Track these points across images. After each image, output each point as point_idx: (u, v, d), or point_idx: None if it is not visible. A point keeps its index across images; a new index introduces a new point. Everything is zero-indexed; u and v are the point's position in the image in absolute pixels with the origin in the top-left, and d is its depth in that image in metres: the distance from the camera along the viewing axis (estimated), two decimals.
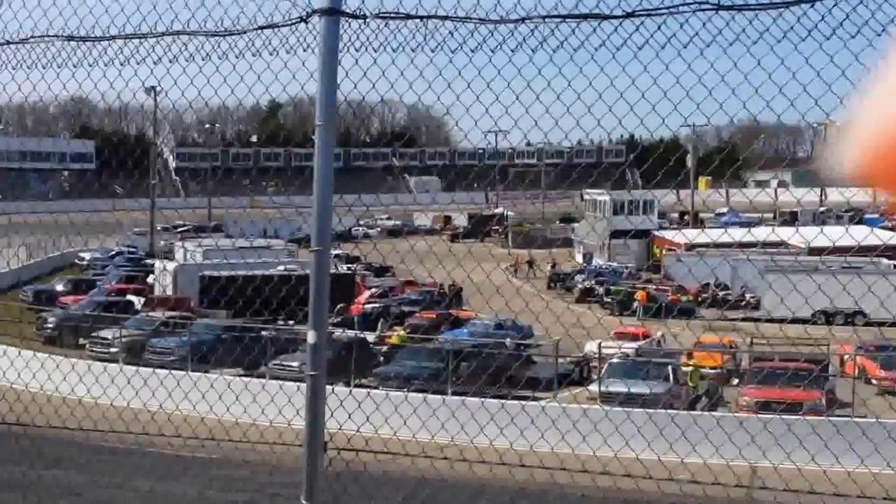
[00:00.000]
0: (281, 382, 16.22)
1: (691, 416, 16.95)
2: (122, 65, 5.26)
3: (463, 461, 7.42)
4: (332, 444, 4.48)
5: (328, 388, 8.94)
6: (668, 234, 51.52)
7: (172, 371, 17.15)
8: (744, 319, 31.28)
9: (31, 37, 5.34)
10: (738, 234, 24.07)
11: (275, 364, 22.44)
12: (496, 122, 4.90)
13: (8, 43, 5.45)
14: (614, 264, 49.60)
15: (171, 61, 5.15)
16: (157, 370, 16.01)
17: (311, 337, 4.04)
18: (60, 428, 7.74)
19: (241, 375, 18.55)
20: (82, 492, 11.69)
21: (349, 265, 39.50)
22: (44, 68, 5.56)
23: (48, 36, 5.22)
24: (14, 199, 67.74)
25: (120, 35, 5.18)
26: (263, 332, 24.29)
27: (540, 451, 8.23)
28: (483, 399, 13.62)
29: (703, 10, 4.16)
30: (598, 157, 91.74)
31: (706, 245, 37.67)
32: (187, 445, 8.96)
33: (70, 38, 5.17)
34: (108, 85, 5.70)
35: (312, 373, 4.08)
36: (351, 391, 12.48)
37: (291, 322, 26.35)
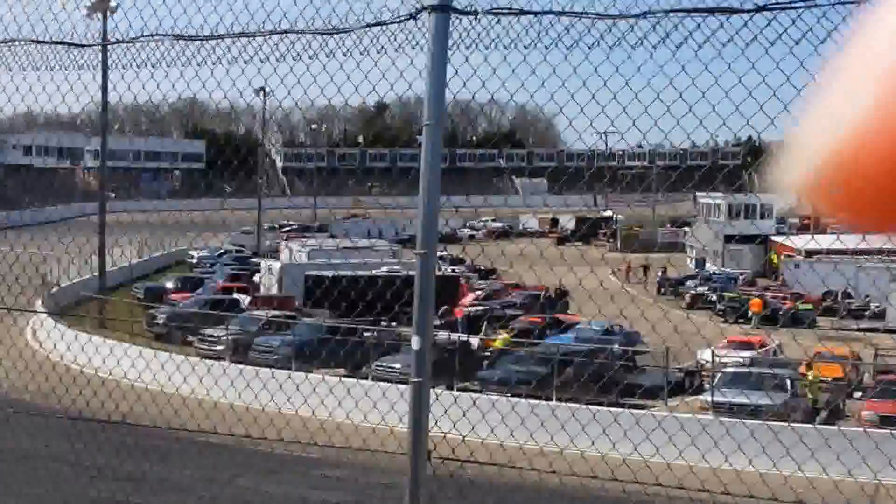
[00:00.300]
0: (383, 384, 16.18)
1: (816, 431, 16.11)
2: (229, 64, 5.26)
3: (573, 475, 7.18)
4: (435, 452, 4.33)
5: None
6: (786, 240, 49.89)
7: (276, 370, 17.29)
8: (867, 330, 29.93)
9: (141, 36, 5.33)
10: (852, 241, 22.97)
11: (377, 366, 22.48)
12: (612, 121, 4.66)
13: (119, 42, 5.49)
14: (728, 270, 48.19)
15: (278, 60, 5.12)
16: (262, 369, 16.16)
17: (415, 343, 3.88)
18: (178, 429, 7.79)
19: (343, 376, 18.60)
20: (189, 488, 11.83)
21: (454, 267, 39.45)
22: (153, 67, 5.63)
23: (157, 35, 5.20)
24: (127, 197, 69.91)
25: (228, 34, 5.15)
26: (366, 334, 24.35)
27: (654, 464, 7.91)
28: (593, 408, 13.29)
29: (843, 2, 3.85)
30: (713, 158, 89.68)
31: (828, 251, 36.27)
32: (289, 446, 8.94)
33: (178, 36, 5.14)
34: (216, 84, 5.73)
35: (417, 379, 3.90)
36: (455, 396, 12.36)
37: (394, 324, 26.39)
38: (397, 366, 22.09)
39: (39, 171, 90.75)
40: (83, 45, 5.45)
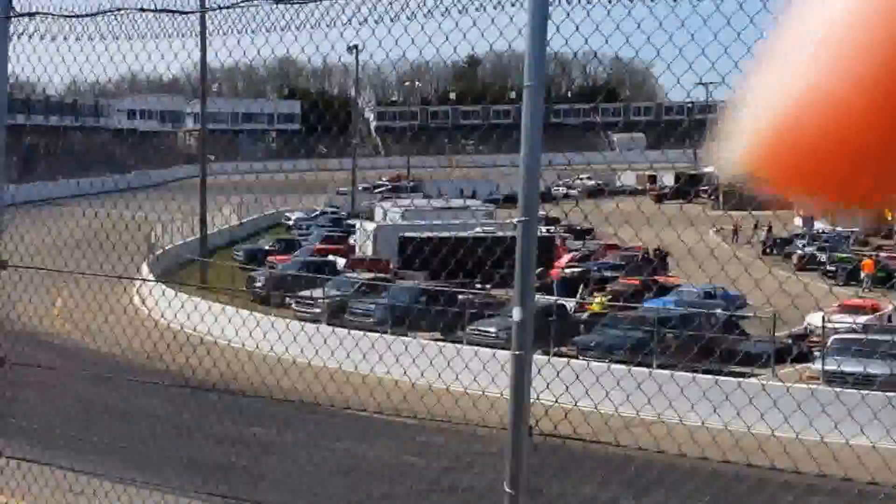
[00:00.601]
0: (477, 349, 16.08)
1: None
2: (328, 27, 5.28)
3: (668, 452, 6.97)
4: (537, 428, 4.19)
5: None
6: None
7: (371, 333, 17.37)
8: None
9: (241, 2, 5.33)
10: None
11: (472, 330, 22.37)
12: (717, 72, 4.40)
13: (219, 8, 5.50)
14: (839, 229, 46.51)
15: (376, 22, 5.12)
16: (358, 332, 16.23)
17: (516, 314, 3.74)
18: (282, 399, 7.82)
19: (438, 340, 18.59)
20: (290, 452, 11.97)
21: (548, 227, 38.83)
22: (252, 33, 5.67)
23: (256, 1, 5.18)
24: (226, 160, 71.19)
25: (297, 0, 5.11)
26: (460, 296, 24.23)
27: (758, 434, 7.63)
28: (694, 374, 12.96)
29: None
30: None
31: None
32: (384, 409, 8.93)
33: (278, 0, 5.12)
34: (312, 47, 5.73)
35: (518, 352, 3.75)
36: (550, 361, 12.19)
37: (488, 286, 26.24)
38: (492, 330, 21.98)
39: (143, 134, 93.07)
40: (185, 12, 5.49)
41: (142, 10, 6.09)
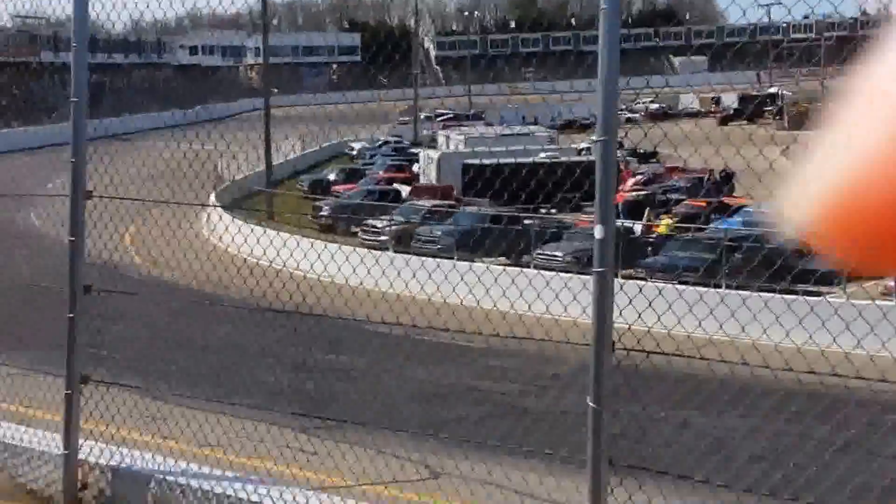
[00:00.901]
0: (546, 273, 16.07)
1: None
2: None
3: (744, 364, 6.95)
4: (619, 343, 4.23)
5: (588, 277, 8.64)
6: None
7: (439, 260, 17.44)
8: None
9: None
10: None
11: (539, 254, 22.41)
12: None
13: None
14: None
15: None
16: (425, 259, 16.33)
17: (598, 231, 3.82)
18: (354, 323, 7.94)
19: (505, 265, 18.64)
20: (359, 376, 12.18)
21: None
22: None
23: None
24: (289, 92, 71.37)
25: None
26: (527, 222, 24.25)
27: (831, 353, 7.55)
28: (765, 295, 12.81)
29: None
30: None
31: None
32: (454, 335, 9.01)
33: None
34: None
35: (600, 269, 3.85)
36: (620, 284, 12.12)
37: (554, 210, 26.20)
38: (559, 254, 21.98)
39: (205, 69, 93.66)
40: None
41: None
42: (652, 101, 63.54)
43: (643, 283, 16.37)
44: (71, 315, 6.12)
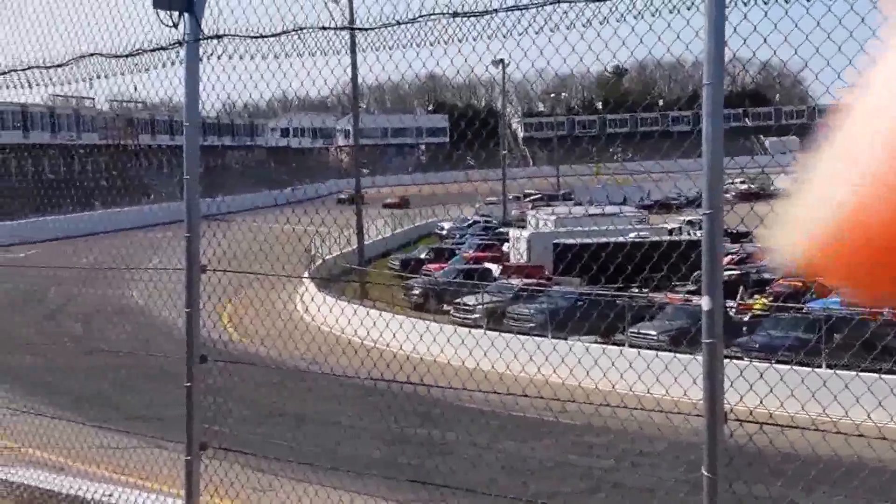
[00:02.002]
0: (638, 350, 16.05)
1: None
2: (474, 41, 5.40)
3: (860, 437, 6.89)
4: (731, 415, 4.29)
5: (687, 356, 8.61)
6: None
7: (532, 336, 17.53)
8: None
9: (420, 16, 5.53)
10: None
11: (632, 332, 22.31)
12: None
13: (406, 22, 5.72)
14: None
15: (520, 34, 5.18)
16: (517, 335, 16.42)
17: (706, 303, 3.95)
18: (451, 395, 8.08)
19: (597, 342, 18.63)
20: (453, 450, 12.25)
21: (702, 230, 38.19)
22: (404, 48, 5.82)
23: (434, 13, 5.40)
24: (377, 173, 72.69)
25: (471, 13, 5.28)
26: (618, 301, 24.19)
27: None
28: (867, 376, 12.58)
29: None
30: None
31: None
32: (549, 409, 9.07)
33: (455, 14, 5.32)
34: (463, 60, 5.88)
35: (709, 340, 3.95)
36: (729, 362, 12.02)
37: (645, 290, 26.05)
38: (652, 332, 21.84)
39: (296, 151, 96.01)
40: (366, 29, 5.74)
41: (323, 28, 6.44)
42: (742, 182, 62.91)
43: (740, 362, 16.18)
44: (188, 384, 6.38)
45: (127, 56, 6.74)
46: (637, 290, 26.35)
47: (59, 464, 9.03)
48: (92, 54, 6.96)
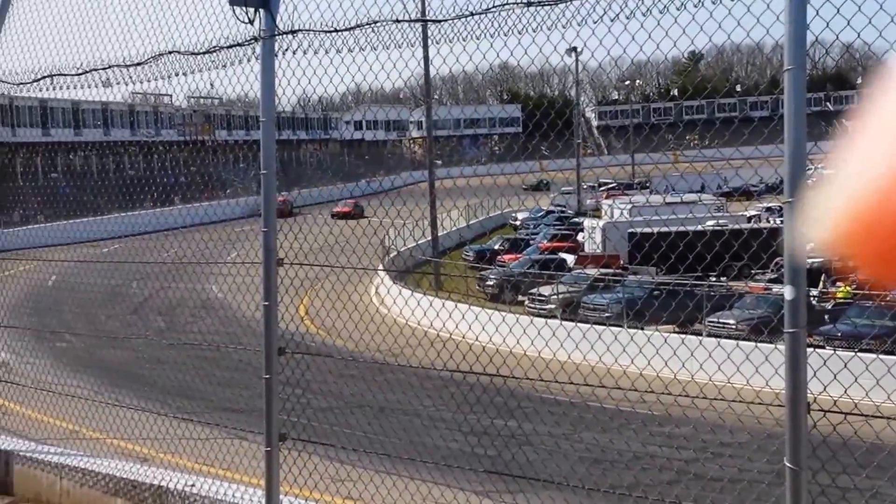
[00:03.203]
0: (718, 339, 15.79)
1: None
2: (549, 30, 5.36)
3: None
4: (815, 405, 4.21)
5: (769, 346, 8.43)
6: None
7: (609, 327, 17.41)
8: None
9: (493, 6, 5.53)
10: None
11: (710, 321, 22.03)
12: None
13: (479, 13, 5.72)
14: None
15: (594, 23, 5.16)
16: (594, 326, 16.31)
17: (788, 293, 3.87)
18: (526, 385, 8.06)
19: (675, 332, 18.39)
20: (533, 442, 12.23)
21: (782, 217, 37.51)
22: (477, 39, 5.84)
23: (507, 4, 5.38)
24: (451, 164, 72.83)
25: (545, 1, 5.23)
26: (696, 290, 23.88)
27: None
28: None
29: None
30: None
31: None
32: (627, 400, 8.99)
33: (529, 3, 5.29)
34: (538, 50, 5.86)
35: (792, 329, 3.87)
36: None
37: (724, 278, 25.66)
38: (730, 321, 21.52)
39: (370, 143, 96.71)
40: (441, 20, 5.75)
41: (397, 21, 6.46)
42: (824, 167, 61.44)
43: (823, 351, 15.85)
44: (267, 376, 6.48)
45: (204, 53, 6.84)
46: (716, 280, 25.97)
47: (142, 454, 9.24)
48: (170, 52, 7.08)
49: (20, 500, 8.42)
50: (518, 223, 50.24)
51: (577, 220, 45.21)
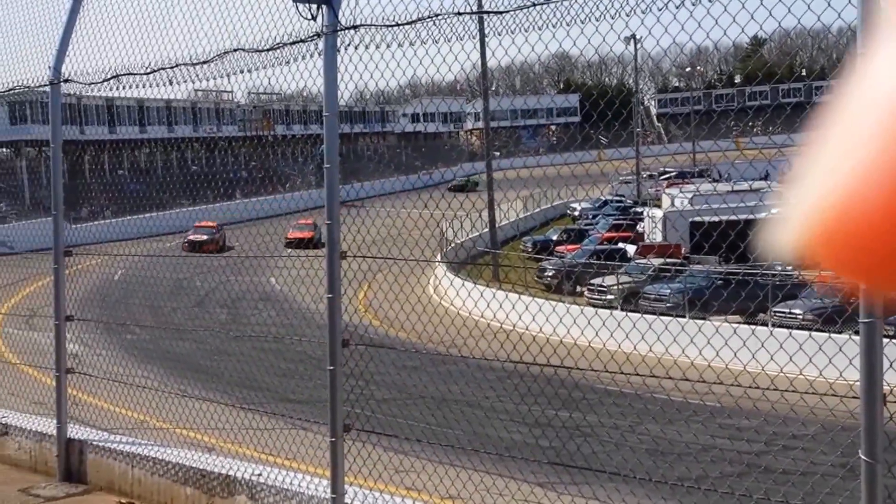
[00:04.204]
0: (790, 330, 15.52)
1: None
2: (597, 21, 5.34)
3: None
4: (890, 396, 4.13)
5: (842, 336, 8.27)
6: None
7: (672, 317, 17.21)
8: None
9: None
10: None
11: (777, 311, 21.69)
12: None
13: (541, 3, 5.72)
14: None
15: (643, 12, 5.19)
16: (657, 317, 16.15)
17: None
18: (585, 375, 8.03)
19: (740, 322, 18.15)
20: (594, 433, 12.18)
21: None
22: (539, 29, 5.81)
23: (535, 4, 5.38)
24: (508, 155, 72.56)
25: None
26: (760, 279, 23.53)
27: None
28: None
29: None
30: None
31: None
32: (694, 392, 8.89)
33: None
34: (587, 41, 5.84)
35: (867, 319, 3.82)
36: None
37: (790, 267, 25.23)
38: (798, 311, 21.18)
39: (427, 136, 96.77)
40: (502, 12, 5.75)
41: (458, 13, 6.46)
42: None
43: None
44: (331, 368, 6.54)
45: (268, 50, 6.90)
46: (782, 269, 25.56)
47: (208, 444, 9.39)
48: (235, 50, 7.17)
49: (94, 489, 8.61)
50: (576, 213, 49.95)
51: (637, 209, 44.78)
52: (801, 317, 20.99)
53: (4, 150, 54.72)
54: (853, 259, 0.74)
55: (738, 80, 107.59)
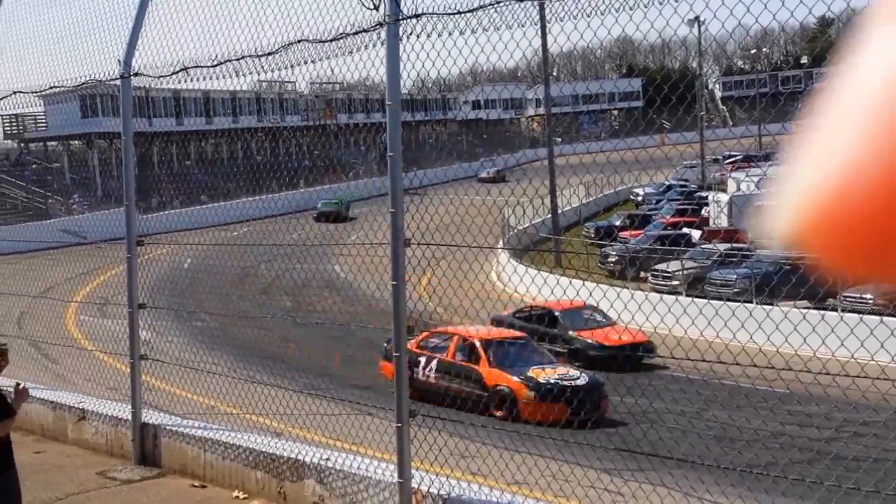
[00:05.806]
0: (860, 315, 15.25)
1: None
2: (660, 4, 5.29)
3: None
4: None
5: None
6: None
7: (739, 303, 16.99)
8: None
9: None
10: None
11: (846, 296, 21.29)
12: None
13: None
14: None
15: None
16: (723, 302, 15.98)
17: None
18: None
19: (809, 308, 17.86)
20: (660, 420, 12.10)
21: None
22: (588, 17, 5.86)
23: None
24: (569, 140, 72.13)
25: None
26: None
27: None
28: None
29: None
30: None
31: None
32: (763, 378, 8.79)
33: None
34: (650, 25, 5.81)
35: None
36: None
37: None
38: (868, 296, 20.75)
39: (488, 122, 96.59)
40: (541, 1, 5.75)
41: (520, 0, 6.46)
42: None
43: None
44: (397, 354, 6.61)
45: (331, 40, 6.97)
46: None
47: (276, 429, 9.54)
48: (299, 41, 7.25)
49: (168, 472, 8.82)
50: (639, 198, 49.44)
51: (701, 193, 44.20)
52: (872, 301, 20.57)
53: (77, 142, 55.95)
54: (842, 246, 0.76)
55: (804, 61, 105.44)
